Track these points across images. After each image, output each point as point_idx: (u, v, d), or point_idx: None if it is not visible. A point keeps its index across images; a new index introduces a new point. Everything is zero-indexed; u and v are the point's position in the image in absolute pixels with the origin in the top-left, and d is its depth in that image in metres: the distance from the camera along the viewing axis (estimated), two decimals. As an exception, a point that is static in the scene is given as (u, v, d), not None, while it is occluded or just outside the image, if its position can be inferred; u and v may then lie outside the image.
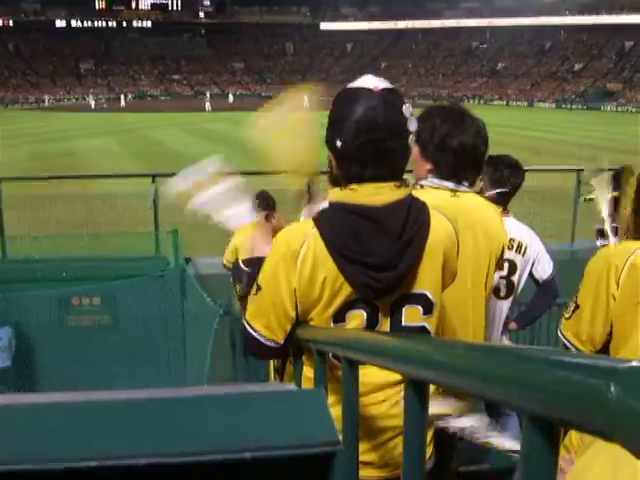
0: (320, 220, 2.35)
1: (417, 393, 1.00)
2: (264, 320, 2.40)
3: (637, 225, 2.37)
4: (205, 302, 7.56)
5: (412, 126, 2.29)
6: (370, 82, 2.31)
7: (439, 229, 2.39)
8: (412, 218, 2.30)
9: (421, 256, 2.33)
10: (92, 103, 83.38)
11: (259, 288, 2.39)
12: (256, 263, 2.58)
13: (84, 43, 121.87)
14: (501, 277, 4.26)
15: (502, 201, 4.24)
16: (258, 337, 2.42)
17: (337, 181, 2.47)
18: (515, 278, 4.31)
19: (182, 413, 0.81)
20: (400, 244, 2.26)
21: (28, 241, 10.81)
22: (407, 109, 2.28)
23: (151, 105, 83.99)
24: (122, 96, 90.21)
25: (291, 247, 2.31)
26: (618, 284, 2.33)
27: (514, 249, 4.27)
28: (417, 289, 2.38)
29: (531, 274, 4.40)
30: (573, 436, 2.43)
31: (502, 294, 4.29)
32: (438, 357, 0.94)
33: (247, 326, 2.45)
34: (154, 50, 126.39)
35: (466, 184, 3.08)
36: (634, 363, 0.54)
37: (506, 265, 4.24)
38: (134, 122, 56.94)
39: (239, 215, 3.04)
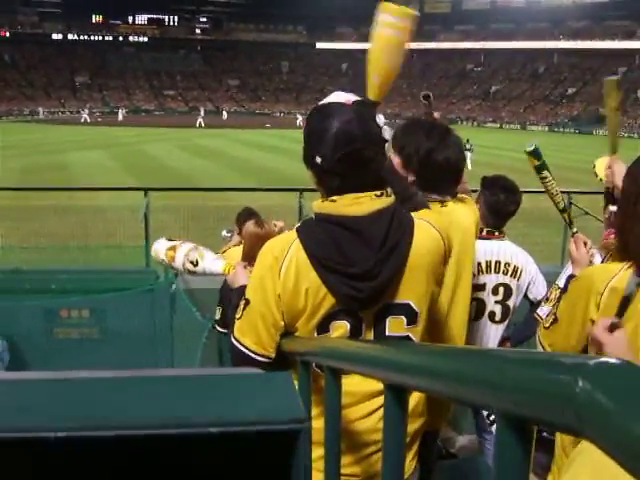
0: (302, 231, 2.38)
1: (396, 399, 1.01)
2: (253, 334, 2.40)
3: (621, 245, 2.36)
4: (194, 316, 7.54)
5: (387, 134, 2.36)
6: (341, 97, 2.37)
7: (424, 238, 2.41)
8: (394, 227, 2.32)
9: (404, 266, 2.34)
10: (87, 117, 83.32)
11: (247, 302, 2.40)
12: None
13: (80, 56, 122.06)
14: (496, 302, 4.26)
15: (497, 224, 4.25)
16: (249, 353, 2.41)
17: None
18: (510, 302, 4.31)
19: (150, 390, 0.82)
20: (381, 254, 2.28)
21: (18, 252, 10.78)
22: (380, 119, 2.35)
23: (145, 120, 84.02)
24: (120, 110, 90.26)
25: (276, 257, 2.34)
26: (598, 308, 2.32)
27: (509, 274, 4.26)
28: (400, 299, 2.39)
29: (526, 295, 4.40)
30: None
31: (497, 318, 4.29)
32: (413, 361, 0.94)
33: (236, 343, 2.44)
34: (150, 65, 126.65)
35: (449, 195, 3.15)
36: (603, 359, 0.55)
37: (502, 290, 4.25)
38: (128, 136, 56.96)
39: (211, 261, 3.17)
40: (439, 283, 2.57)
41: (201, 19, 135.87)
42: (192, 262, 3.14)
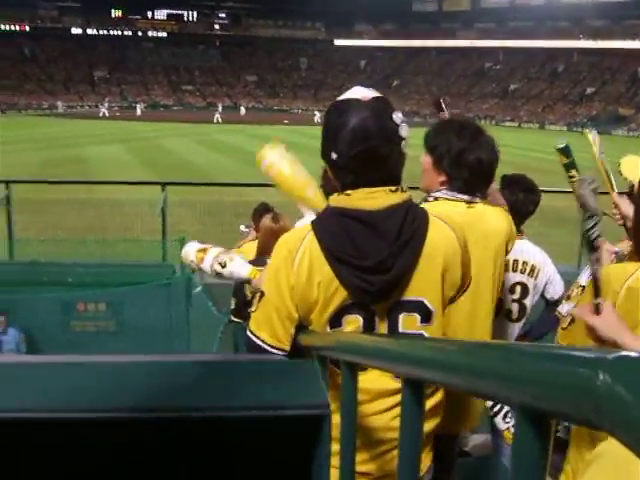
0: (316, 224, 2.40)
1: (413, 393, 1.01)
2: (268, 327, 2.40)
3: (636, 246, 2.36)
4: (210, 311, 7.58)
5: (404, 132, 2.35)
6: (359, 93, 2.38)
7: (438, 236, 2.40)
8: (408, 222, 2.32)
9: (417, 261, 2.34)
10: (105, 111, 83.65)
11: (262, 295, 2.42)
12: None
13: (99, 51, 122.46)
14: (513, 300, 4.26)
15: (516, 223, 4.25)
16: (264, 346, 2.41)
17: (331, 191, 2.55)
18: (527, 301, 4.30)
19: (182, 374, 0.83)
20: (395, 247, 2.29)
21: (36, 245, 10.85)
22: (397, 116, 2.35)
23: (163, 115, 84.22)
24: (138, 105, 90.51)
25: (290, 250, 2.36)
26: (615, 307, 2.32)
27: (527, 272, 4.26)
28: (413, 296, 2.39)
29: (542, 295, 4.39)
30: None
31: (514, 317, 4.29)
32: (432, 355, 0.95)
33: (252, 336, 2.45)
34: (168, 60, 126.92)
35: (479, 196, 3.13)
36: (622, 353, 0.55)
37: (518, 289, 4.25)
38: (145, 131, 57.14)
39: (239, 265, 3.23)
40: (455, 287, 2.54)
41: (220, 15, 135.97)
42: (220, 264, 3.19)
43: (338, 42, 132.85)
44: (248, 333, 2.47)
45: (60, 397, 0.74)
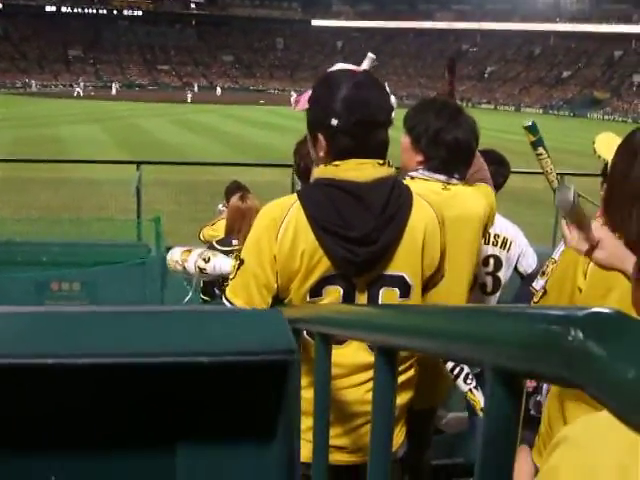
0: (302, 193, 2.41)
1: (386, 361, 1.01)
2: (245, 295, 2.40)
3: (609, 220, 2.37)
4: (185, 290, 7.54)
5: (394, 103, 2.41)
6: (348, 67, 2.39)
7: (421, 213, 2.42)
8: (394, 196, 2.34)
9: (401, 235, 2.35)
10: (80, 90, 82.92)
11: (241, 262, 2.40)
12: None
13: (73, 29, 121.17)
14: (487, 273, 4.28)
15: None
16: None
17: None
18: (501, 274, 4.32)
19: (143, 323, 0.82)
20: (381, 220, 2.30)
21: (10, 224, 10.76)
22: (387, 86, 2.41)
23: (139, 95, 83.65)
24: (114, 84, 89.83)
25: (274, 219, 2.34)
26: (585, 276, 2.34)
27: (499, 245, 4.27)
28: (395, 271, 2.40)
29: (516, 268, 4.41)
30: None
31: (489, 290, 4.30)
32: (403, 321, 0.95)
33: (227, 303, 2.45)
34: (144, 39, 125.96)
35: (457, 177, 3.12)
36: (593, 309, 0.55)
37: (492, 261, 4.26)
38: (120, 110, 56.75)
39: (222, 259, 3.27)
40: (432, 266, 2.54)
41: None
42: (204, 259, 3.21)
43: (315, 22, 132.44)
44: (224, 299, 2.48)
45: (11, 343, 0.73)
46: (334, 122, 2.30)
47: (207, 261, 3.24)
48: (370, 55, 2.97)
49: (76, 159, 19.03)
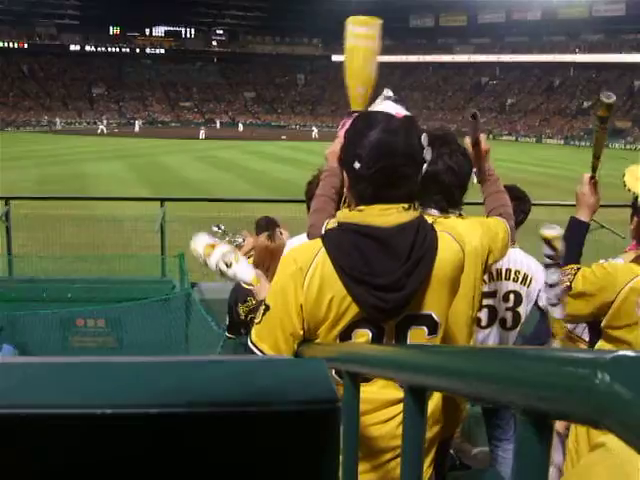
0: (327, 240, 2.38)
1: (416, 399, 1.03)
2: (271, 340, 2.40)
3: None
4: (209, 326, 7.57)
5: (428, 155, 2.34)
6: (392, 108, 2.37)
7: (447, 251, 2.41)
8: (420, 240, 2.32)
9: (429, 278, 2.35)
10: (103, 128, 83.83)
11: (267, 308, 2.40)
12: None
13: (97, 68, 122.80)
14: (507, 309, 4.27)
15: None
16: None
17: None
18: (521, 310, 4.31)
19: (189, 373, 0.84)
20: (407, 266, 2.29)
21: (34, 261, 10.85)
22: (424, 138, 2.33)
23: (161, 132, 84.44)
24: (137, 122, 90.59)
25: (299, 265, 2.33)
26: (613, 300, 2.41)
27: (519, 281, 4.27)
28: (423, 310, 2.40)
29: (536, 303, 4.39)
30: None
31: (509, 325, 4.30)
32: (433, 362, 0.96)
33: (253, 347, 2.44)
34: (166, 77, 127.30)
35: (435, 210, 3.09)
36: (620, 353, 0.57)
37: (512, 297, 4.25)
38: (143, 147, 57.25)
39: (243, 268, 3.24)
40: (456, 293, 2.56)
41: (217, 31, 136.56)
42: (226, 263, 3.19)
43: (336, 57, 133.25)
44: (249, 344, 2.47)
45: (58, 393, 0.75)
46: (357, 166, 2.30)
47: (229, 266, 3.23)
48: (386, 92, 2.94)
49: (100, 196, 19.21)
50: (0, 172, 31.94)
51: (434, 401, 2.59)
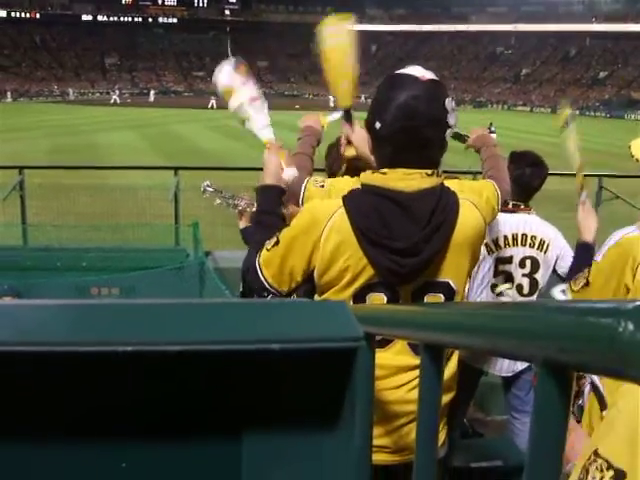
0: (348, 200, 2.36)
1: (433, 358, 1.02)
2: (273, 271, 2.40)
3: None
4: (223, 294, 7.59)
5: (452, 120, 2.33)
6: (418, 71, 2.35)
7: (468, 219, 2.40)
8: (441, 206, 2.32)
9: (447, 245, 2.34)
10: (116, 98, 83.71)
11: (277, 242, 2.39)
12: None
13: (109, 38, 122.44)
14: (524, 275, 4.25)
15: (523, 198, 4.24)
16: (264, 282, 2.41)
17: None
18: (538, 276, 4.29)
19: (213, 313, 0.84)
20: (426, 231, 2.28)
21: (49, 230, 10.88)
22: (449, 103, 2.33)
23: (174, 101, 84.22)
24: (151, 91, 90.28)
25: (317, 221, 2.33)
26: (634, 277, 2.34)
27: (536, 247, 4.25)
28: (440, 277, 2.40)
29: (554, 270, 4.37)
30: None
31: (525, 292, 4.28)
32: (451, 319, 0.96)
33: (257, 268, 2.42)
34: (179, 46, 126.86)
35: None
36: None
37: (528, 263, 4.24)
38: (157, 117, 57.16)
39: (258, 127, 3.11)
40: (477, 261, 2.55)
41: (230, 0, 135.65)
42: (242, 118, 3.08)
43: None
44: (256, 264, 2.45)
45: (80, 331, 0.76)
46: (377, 126, 2.31)
47: (243, 122, 3.10)
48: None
49: (114, 165, 19.20)
50: (14, 142, 32.03)
51: (449, 369, 2.59)
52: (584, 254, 3.34)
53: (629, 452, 1.05)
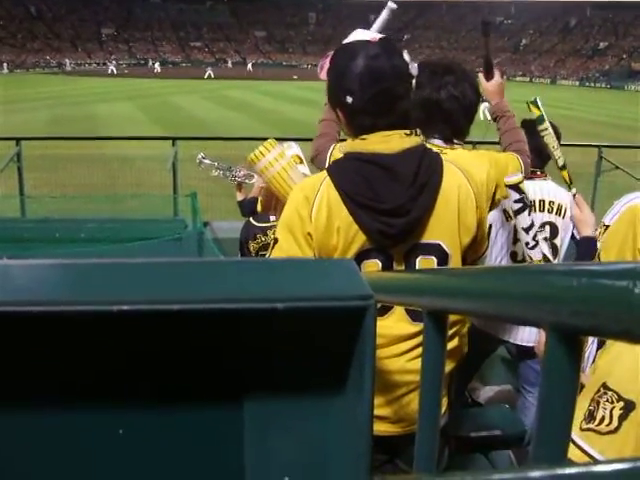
0: (332, 169, 2.39)
1: (436, 325, 1.01)
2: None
3: None
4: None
5: (414, 71, 2.34)
6: (365, 35, 2.35)
7: (453, 179, 2.40)
8: (424, 166, 2.32)
9: (434, 204, 2.34)
10: (113, 68, 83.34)
11: (276, 241, 2.40)
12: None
13: (106, 8, 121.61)
14: (544, 239, 4.23)
15: (539, 165, 4.20)
16: None
17: None
18: (557, 241, 4.26)
19: (214, 271, 0.82)
20: (412, 190, 2.28)
21: (47, 202, 10.86)
22: (406, 55, 2.33)
23: (172, 72, 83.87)
24: (156, 64, 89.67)
25: (305, 194, 2.34)
26: None
27: (554, 211, 4.22)
28: (430, 239, 2.38)
29: (572, 236, 4.35)
30: None
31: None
32: (452, 284, 0.94)
33: None
34: (176, 17, 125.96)
35: (456, 142, 3.08)
36: None
37: (548, 228, 4.21)
38: (154, 88, 56.88)
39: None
40: (470, 233, 2.50)
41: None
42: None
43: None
44: None
45: (70, 290, 0.74)
46: (349, 100, 2.29)
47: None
48: (390, 4, 2.87)
49: (111, 136, 19.13)
50: (10, 114, 31.90)
51: (454, 339, 2.58)
52: (588, 249, 3.32)
53: (637, 384, 1.13)
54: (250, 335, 0.75)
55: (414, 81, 2.35)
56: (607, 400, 1.30)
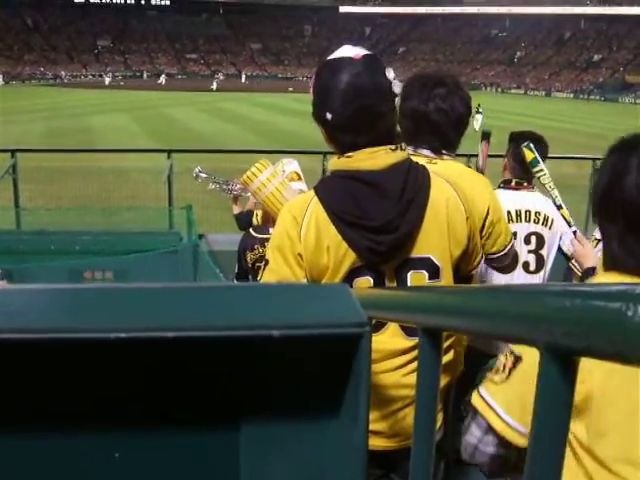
0: (319, 188, 2.38)
1: (431, 342, 1.01)
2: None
3: None
4: (217, 277, 7.58)
5: (397, 88, 2.32)
6: (350, 51, 2.33)
7: (441, 192, 2.38)
8: (411, 180, 2.31)
9: (422, 218, 2.33)
10: (109, 80, 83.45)
11: (267, 262, 2.40)
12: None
13: (102, 20, 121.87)
14: (530, 251, 4.23)
15: (526, 175, 4.22)
16: None
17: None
18: (544, 252, 4.27)
19: (210, 297, 0.82)
20: (400, 206, 2.28)
21: (42, 214, 10.85)
22: (389, 72, 2.32)
23: (167, 84, 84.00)
24: (162, 76, 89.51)
25: (294, 217, 2.33)
26: None
27: (540, 222, 4.23)
28: (420, 253, 2.37)
29: (559, 248, 4.35)
30: None
31: (532, 269, 4.26)
32: (450, 301, 0.95)
33: None
34: (172, 29, 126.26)
35: (445, 152, 3.08)
36: None
37: (534, 239, 4.22)
38: (150, 100, 56.94)
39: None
40: (460, 245, 2.48)
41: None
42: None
43: (343, 9, 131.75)
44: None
45: (70, 317, 0.74)
46: (329, 117, 2.28)
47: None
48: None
49: (107, 148, 19.15)
50: (6, 125, 31.89)
51: (449, 353, 2.58)
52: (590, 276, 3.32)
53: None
54: (246, 361, 0.75)
55: (397, 99, 2.34)
56: (504, 354, 1.68)
